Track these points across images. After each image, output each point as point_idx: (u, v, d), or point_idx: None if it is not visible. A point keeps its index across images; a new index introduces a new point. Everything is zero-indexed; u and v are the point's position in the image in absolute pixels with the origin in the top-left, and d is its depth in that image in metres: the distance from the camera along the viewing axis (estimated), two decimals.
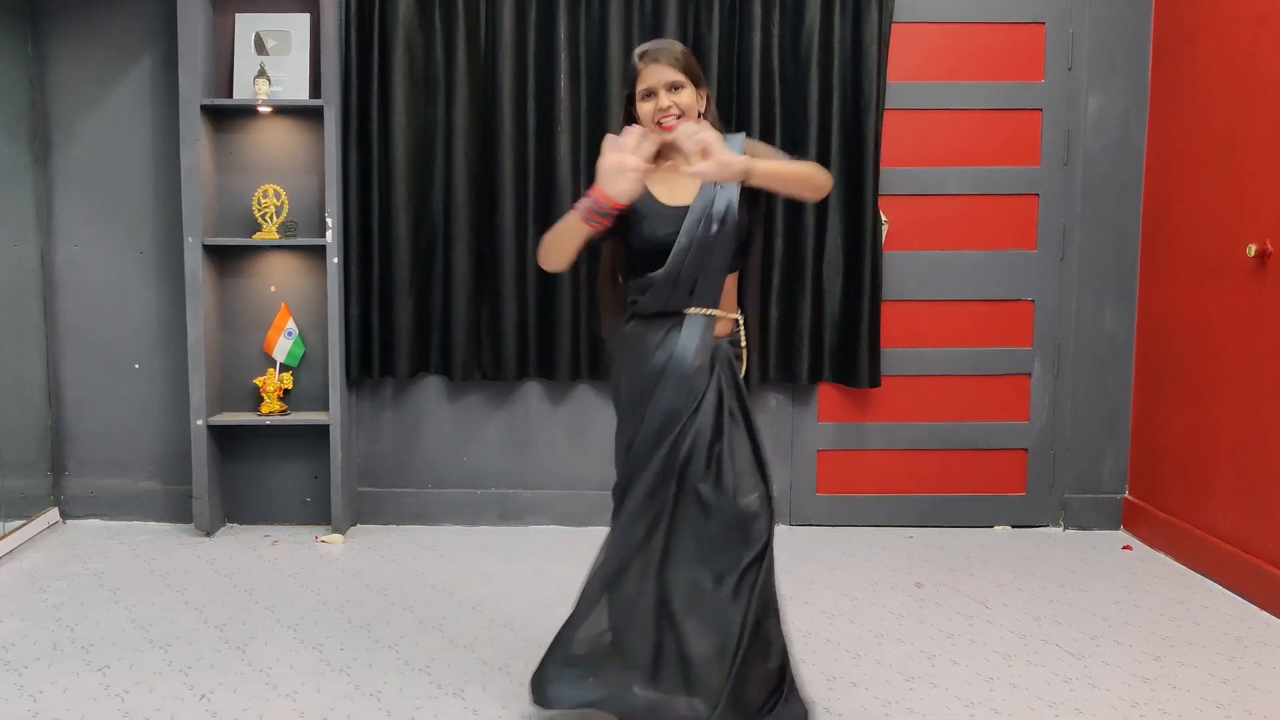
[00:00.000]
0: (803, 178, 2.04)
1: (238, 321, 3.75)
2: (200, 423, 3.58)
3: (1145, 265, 3.76)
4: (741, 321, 2.20)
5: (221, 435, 3.73)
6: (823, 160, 3.55)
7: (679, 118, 2.05)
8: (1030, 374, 3.81)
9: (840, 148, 3.61)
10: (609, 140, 1.98)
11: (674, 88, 2.06)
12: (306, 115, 3.66)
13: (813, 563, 3.42)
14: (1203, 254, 3.40)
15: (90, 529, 3.73)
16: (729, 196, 2.07)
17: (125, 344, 3.75)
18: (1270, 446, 3.05)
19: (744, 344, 2.20)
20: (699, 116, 2.11)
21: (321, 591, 3.11)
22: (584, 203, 2.02)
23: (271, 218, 3.63)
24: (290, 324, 3.70)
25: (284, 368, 3.72)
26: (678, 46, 2.10)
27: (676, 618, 2.06)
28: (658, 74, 2.06)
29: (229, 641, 2.72)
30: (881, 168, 3.66)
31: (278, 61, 3.62)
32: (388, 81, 3.58)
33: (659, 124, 2.06)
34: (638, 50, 2.12)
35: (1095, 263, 3.77)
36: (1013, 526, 3.86)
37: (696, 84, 2.09)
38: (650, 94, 2.07)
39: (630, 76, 2.11)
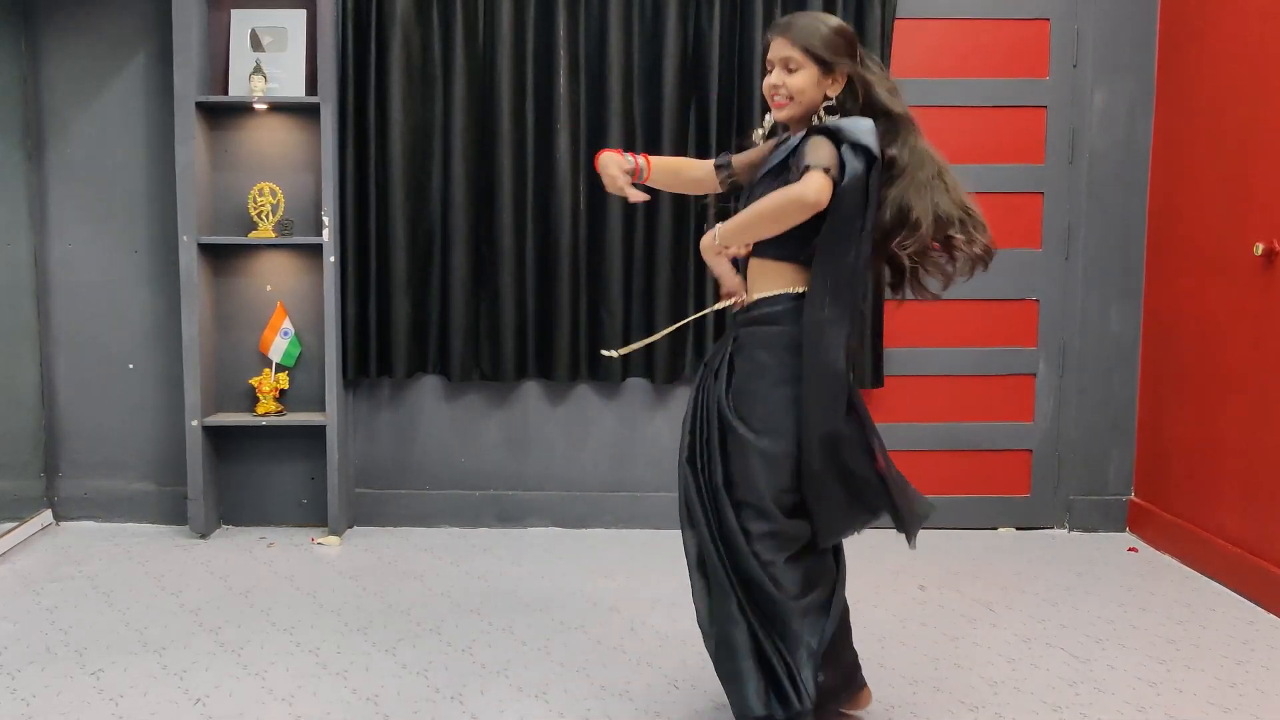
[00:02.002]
0: (775, 214, 1.88)
1: (233, 321, 3.72)
2: (195, 423, 3.55)
3: (1151, 264, 3.73)
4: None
5: (217, 436, 3.70)
6: None
7: (790, 99, 1.95)
8: (1035, 374, 3.78)
9: None
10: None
11: (789, 67, 1.94)
12: (303, 112, 3.62)
13: None
14: (1209, 253, 3.37)
15: (84, 531, 3.70)
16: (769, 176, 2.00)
17: (119, 344, 3.72)
18: (1278, 447, 3.02)
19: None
20: (823, 107, 1.96)
21: (318, 594, 3.08)
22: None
23: (267, 216, 3.60)
24: (286, 323, 3.67)
25: (280, 368, 3.69)
26: (810, 22, 1.94)
27: None
28: (777, 49, 1.95)
29: (224, 645, 2.69)
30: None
31: (274, 58, 3.59)
32: (385, 78, 3.54)
33: (771, 99, 1.98)
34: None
35: (1100, 262, 3.74)
36: (1017, 528, 3.84)
37: (823, 65, 1.93)
38: (771, 68, 1.97)
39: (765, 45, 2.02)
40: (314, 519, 3.76)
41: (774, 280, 2.04)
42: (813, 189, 1.83)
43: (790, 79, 1.95)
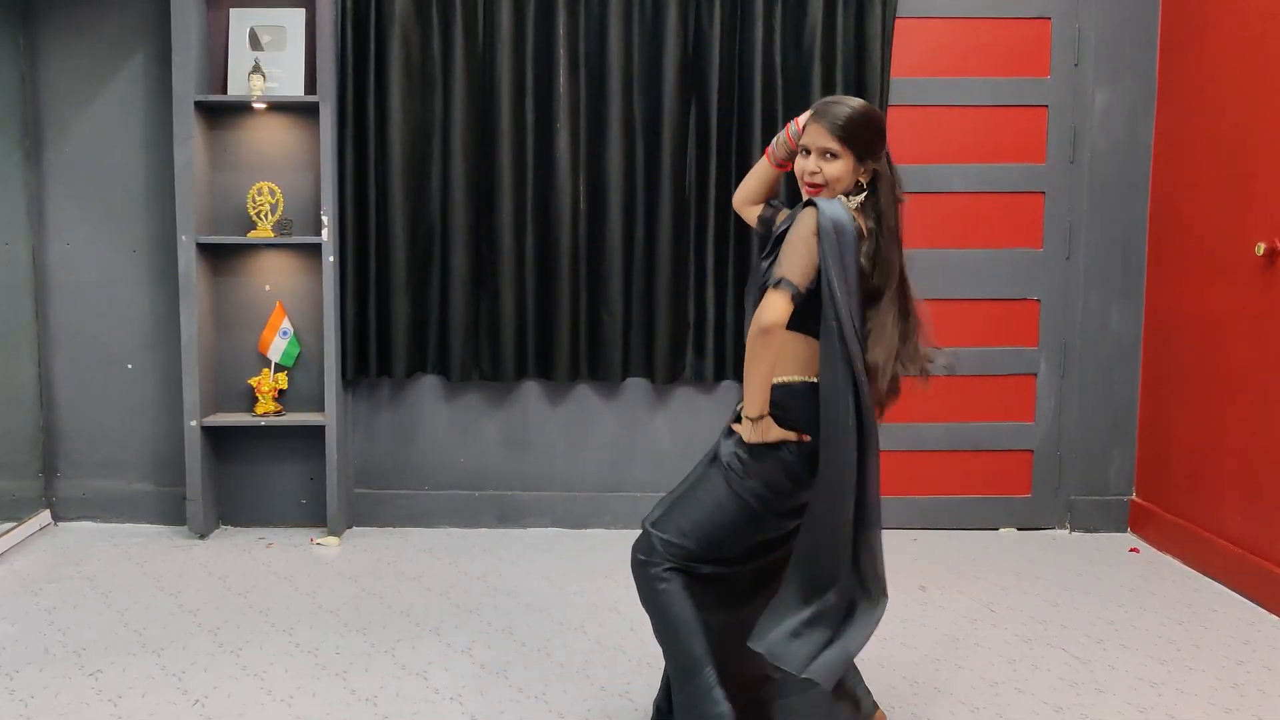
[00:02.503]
0: (755, 355, 1.95)
1: (232, 321, 3.71)
2: (194, 423, 3.54)
3: (1153, 264, 3.72)
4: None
5: (215, 436, 3.69)
6: None
7: (824, 186, 2.01)
8: (1036, 374, 3.77)
9: None
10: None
11: (827, 155, 2.00)
12: (302, 112, 3.62)
13: None
14: (1211, 253, 3.36)
15: (83, 531, 3.69)
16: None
17: (118, 344, 3.71)
18: (1279, 448, 3.02)
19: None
20: (853, 189, 2.02)
21: (317, 595, 3.08)
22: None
23: (266, 215, 3.59)
24: (285, 323, 3.66)
25: (279, 368, 3.68)
26: (848, 110, 1.99)
27: None
28: (816, 137, 2.01)
29: (223, 645, 2.69)
30: None
31: (273, 57, 3.58)
32: (384, 77, 3.54)
33: (805, 182, 2.04)
34: (817, 102, 2.07)
35: (1102, 262, 3.74)
36: (1018, 529, 3.83)
37: (859, 155, 2.00)
38: (807, 152, 2.03)
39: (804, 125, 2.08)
40: (313, 519, 3.75)
41: (790, 362, 2.03)
42: (765, 318, 1.91)
43: (828, 167, 2.01)
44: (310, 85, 3.59)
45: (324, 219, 3.51)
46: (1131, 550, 3.63)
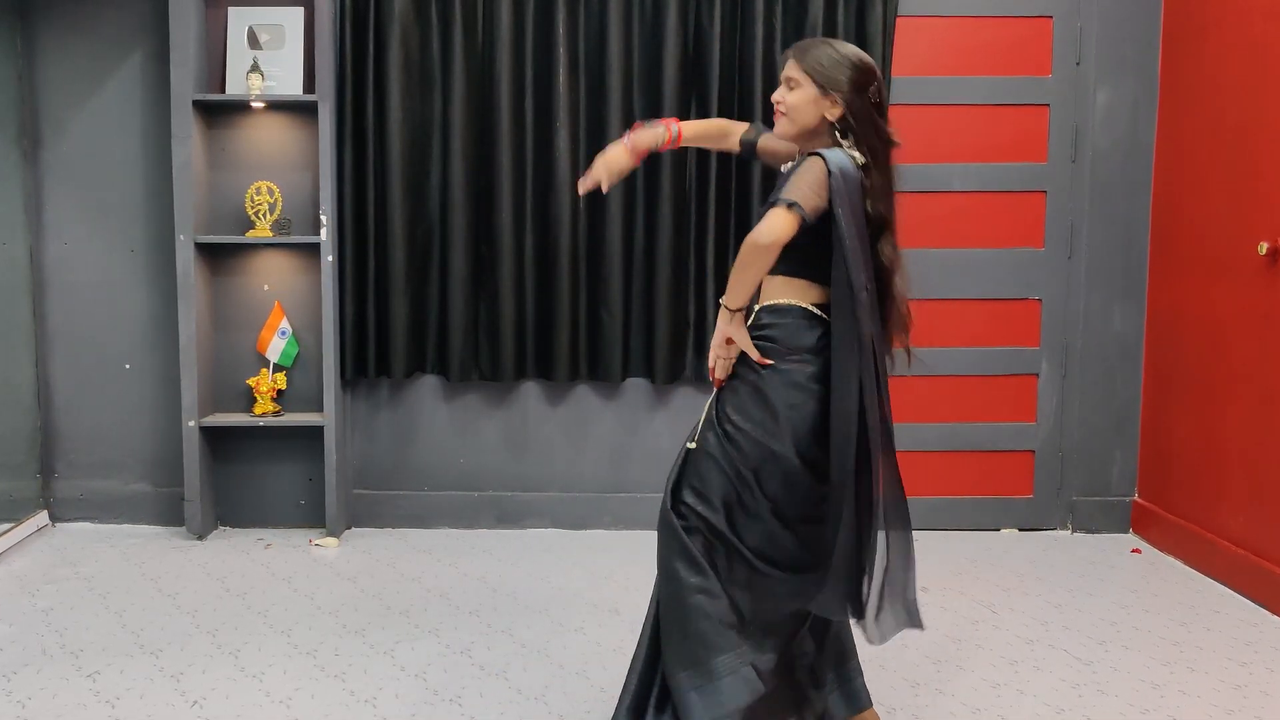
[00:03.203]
0: (745, 263, 1.91)
1: (230, 321, 3.70)
2: (192, 424, 3.53)
3: (1155, 264, 3.71)
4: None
5: (214, 437, 3.68)
6: None
7: (784, 114, 2.03)
8: (1038, 374, 3.76)
9: None
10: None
11: (790, 83, 2.01)
12: (301, 111, 3.61)
13: None
14: (1213, 252, 3.35)
15: (80, 532, 3.68)
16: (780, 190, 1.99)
17: (116, 344, 3.70)
18: None
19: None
20: (821, 124, 2.00)
21: (316, 596, 3.07)
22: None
23: (265, 215, 3.58)
24: (284, 323, 3.65)
25: (278, 368, 3.67)
26: (822, 47, 2.00)
27: None
28: (786, 68, 2.04)
29: (221, 647, 2.68)
30: None
31: (271, 56, 3.57)
32: (383, 76, 3.53)
33: (776, 110, 2.07)
34: None
35: (1104, 261, 3.73)
36: (1020, 529, 3.82)
37: (823, 87, 1.98)
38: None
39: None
40: (312, 520, 3.74)
41: (781, 290, 2.04)
42: (765, 230, 1.86)
43: (789, 96, 2.02)
44: (309, 84, 3.57)
45: (323, 218, 3.50)
46: (1134, 551, 3.62)
